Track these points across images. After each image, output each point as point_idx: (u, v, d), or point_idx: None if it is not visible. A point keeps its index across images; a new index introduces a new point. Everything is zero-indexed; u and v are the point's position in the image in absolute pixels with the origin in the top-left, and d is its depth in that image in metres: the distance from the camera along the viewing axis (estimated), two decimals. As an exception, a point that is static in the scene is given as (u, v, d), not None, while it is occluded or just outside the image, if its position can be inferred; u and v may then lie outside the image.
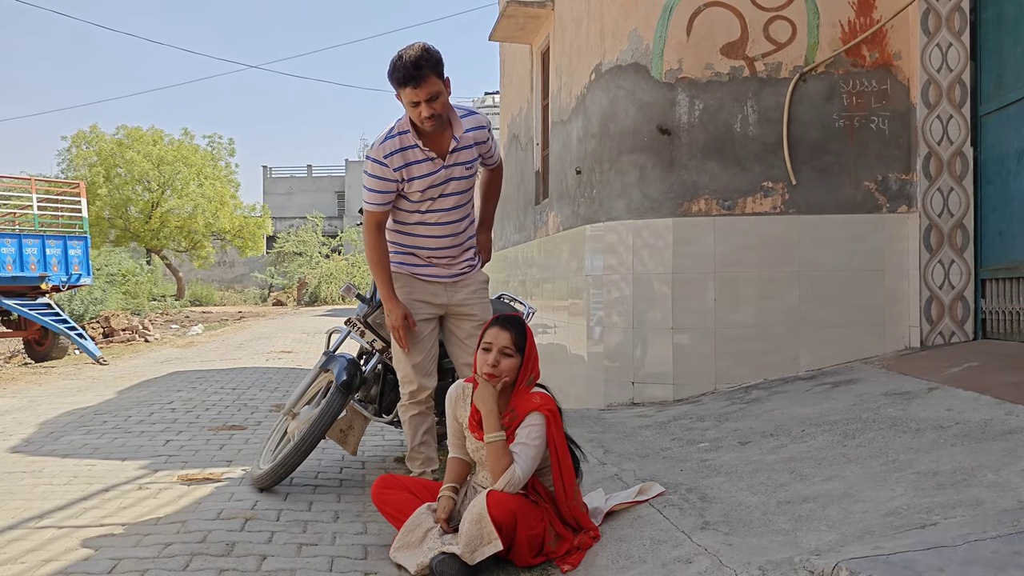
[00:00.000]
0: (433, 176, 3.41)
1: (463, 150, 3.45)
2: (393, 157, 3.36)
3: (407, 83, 3.22)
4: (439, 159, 3.40)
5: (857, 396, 4.17)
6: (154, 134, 31.17)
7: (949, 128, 5.06)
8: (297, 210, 44.63)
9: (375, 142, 3.40)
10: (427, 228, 3.54)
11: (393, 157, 3.36)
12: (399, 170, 3.37)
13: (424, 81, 3.21)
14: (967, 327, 5.06)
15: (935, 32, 5.07)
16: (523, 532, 2.83)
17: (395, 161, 3.36)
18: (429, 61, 3.22)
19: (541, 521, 2.90)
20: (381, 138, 3.39)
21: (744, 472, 3.30)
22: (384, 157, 3.35)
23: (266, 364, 9.97)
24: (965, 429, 3.20)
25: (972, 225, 5.04)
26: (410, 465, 3.73)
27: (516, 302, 5.41)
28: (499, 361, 2.97)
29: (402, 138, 3.37)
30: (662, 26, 5.27)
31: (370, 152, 3.40)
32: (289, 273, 35.77)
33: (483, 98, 18.58)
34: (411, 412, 3.68)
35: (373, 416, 4.26)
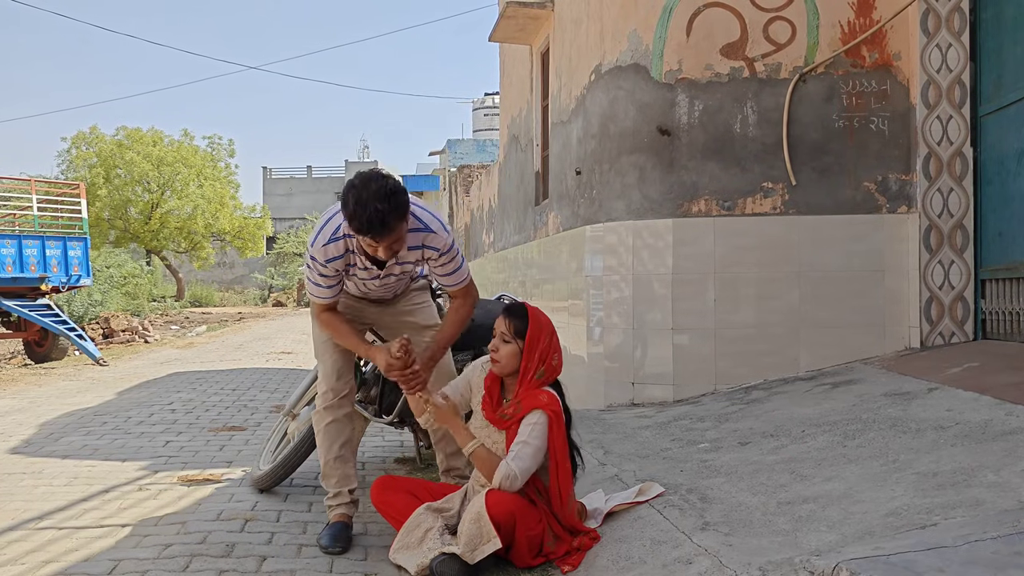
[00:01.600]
0: (370, 278, 3.24)
1: (400, 264, 3.21)
2: (336, 261, 3.12)
3: (367, 234, 2.88)
4: (375, 268, 3.18)
5: (857, 396, 4.17)
6: (154, 135, 31.17)
7: (949, 128, 5.06)
8: (297, 211, 44.60)
9: (319, 239, 3.11)
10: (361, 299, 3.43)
11: (336, 261, 3.12)
12: (339, 272, 3.17)
13: (389, 233, 2.89)
14: (967, 327, 5.05)
15: (935, 32, 5.07)
16: (522, 532, 2.83)
17: (337, 265, 3.13)
18: (398, 210, 2.86)
19: (540, 522, 2.90)
20: (326, 238, 3.10)
21: (744, 473, 3.30)
22: (326, 262, 3.11)
23: (266, 365, 9.97)
24: (965, 429, 3.19)
25: (972, 225, 5.03)
26: (324, 484, 3.35)
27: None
28: (498, 347, 2.98)
29: (347, 242, 3.09)
30: (662, 27, 5.27)
31: (312, 251, 3.14)
32: (289, 274, 35.78)
33: (483, 99, 18.61)
34: (325, 420, 3.34)
35: (373, 417, 4.25)
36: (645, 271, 5.32)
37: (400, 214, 2.89)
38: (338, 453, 3.35)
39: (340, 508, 3.29)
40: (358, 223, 2.85)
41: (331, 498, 3.32)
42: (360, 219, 2.84)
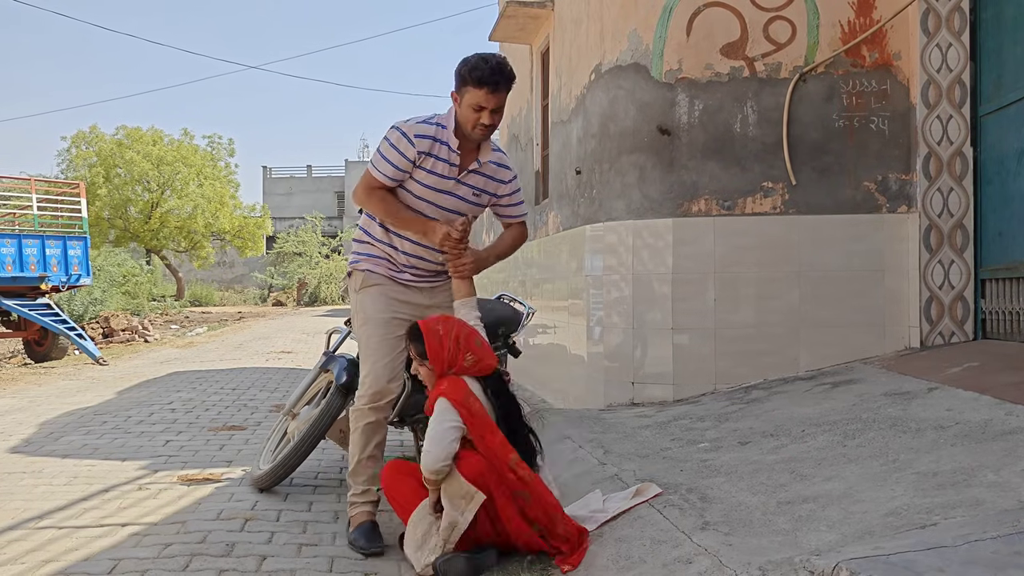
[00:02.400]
0: (442, 181, 3.23)
1: (478, 175, 3.28)
2: (423, 140, 3.16)
3: (485, 84, 3.05)
4: (455, 168, 3.23)
5: (857, 396, 4.17)
6: (154, 134, 31.18)
7: (949, 128, 5.06)
8: (297, 210, 44.63)
9: (410, 119, 3.21)
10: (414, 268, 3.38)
11: (423, 140, 3.16)
12: (420, 155, 3.17)
13: (500, 89, 3.10)
14: (967, 327, 5.05)
15: (935, 32, 5.07)
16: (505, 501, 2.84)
17: (422, 145, 3.16)
18: (510, 73, 3.13)
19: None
20: (418, 119, 3.22)
21: (744, 472, 3.30)
22: (415, 136, 3.15)
23: (266, 364, 9.98)
24: (965, 429, 3.20)
25: (972, 225, 5.03)
26: (352, 480, 3.34)
27: (516, 302, 5.41)
28: (418, 371, 3.12)
29: (439, 130, 3.18)
30: (662, 26, 5.27)
31: (400, 124, 3.19)
32: (289, 273, 35.78)
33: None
34: (367, 419, 3.31)
35: (373, 416, 4.26)
36: (645, 271, 5.32)
37: (511, 77, 3.12)
38: (371, 452, 3.33)
39: (367, 506, 3.29)
40: (481, 71, 3.04)
41: (358, 495, 3.30)
42: (483, 68, 3.05)
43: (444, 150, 3.19)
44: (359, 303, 3.37)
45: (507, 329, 5.06)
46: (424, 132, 3.16)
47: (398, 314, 3.34)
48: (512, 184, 3.40)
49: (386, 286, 3.37)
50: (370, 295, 3.35)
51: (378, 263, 3.39)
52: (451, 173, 3.22)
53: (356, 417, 3.33)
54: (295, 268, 35.52)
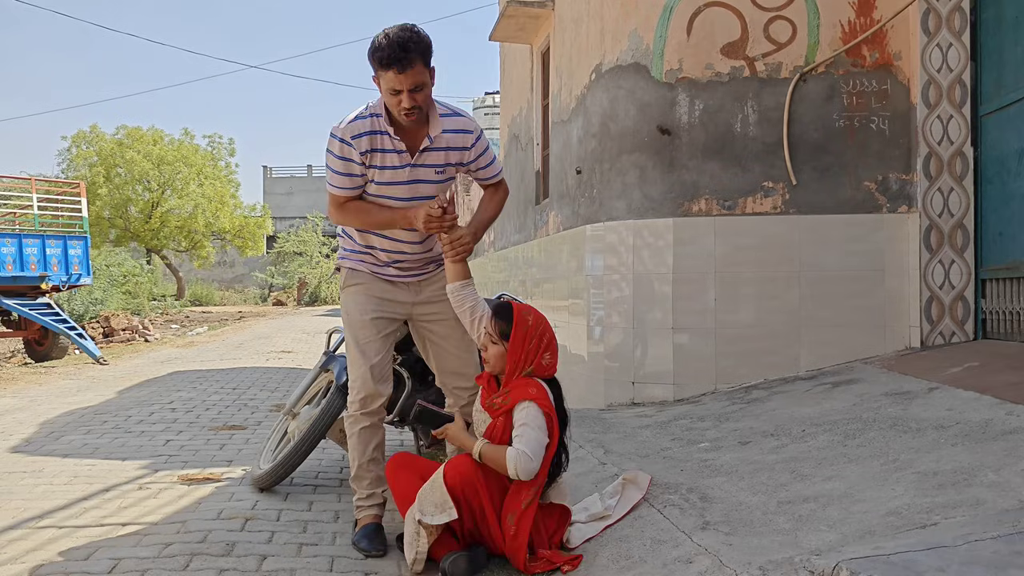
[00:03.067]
0: (397, 173, 3.04)
1: (434, 151, 3.06)
2: (361, 139, 2.97)
3: (390, 65, 2.83)
4: (407, 154, 3.03)
5: (857, 396, 4.17)
6: (154, 134, 31.19)
7: (949, 128, 5.06)
8: (297, 210, 44.61)
9: (343, 120, 3.02)
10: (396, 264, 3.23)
11: (361, 139, 2.97)
12: (365, 154, 2.99)
13: (410, 66, 2.83)
14: (967, 327, 5.05)
15: (935, 32, 5.07)
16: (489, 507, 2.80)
17: (362, 144, 2.98)
18: (418, 45, 2.86)
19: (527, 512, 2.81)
20: (350, 117, 3.01)
21: (745, 472, 3.30)
22: (351, 138, 2.97)
23: (266, 364, 9.97)
24: (966, 429, 3.19)
25: (972, 225, 5.04)
26: (356, 486, 3.26)
27: (516, 300, 5.40)
28: (487, 347, 2.99)
29: (373, 121, 2.99)
30: (662, 26, 5.27)
31: (335, 130, 2.99)
32: (289, 273, 35.79)
33: (483, 98, 18.55)
34: (360, 424, 3.21)
35: (373, 416, 4.26)
36: (645, 270, 5.32)
37: (421, 48, 2.87)
38: (372, 456, 3.25)
39: (372, 509, 3.25)
40: (382, 52, 2.84)
41: (363, 499, 3.25)
42: (384, 47, 2.83)
43: (386, 139, 3.00)
44: (345, 301, 3.29)
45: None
46: (359, 130, 2.98)
47: (383, 313, 3.23)
48: (478, 145, 3.14)
49: (370, 284, 3.24)
50: (352, 295, 3.25)
51: (361, 260, 3.26)
52: (403, 160, 3.03)
53: (350, 423, 3.26)
54: (295, 268, 35.53)
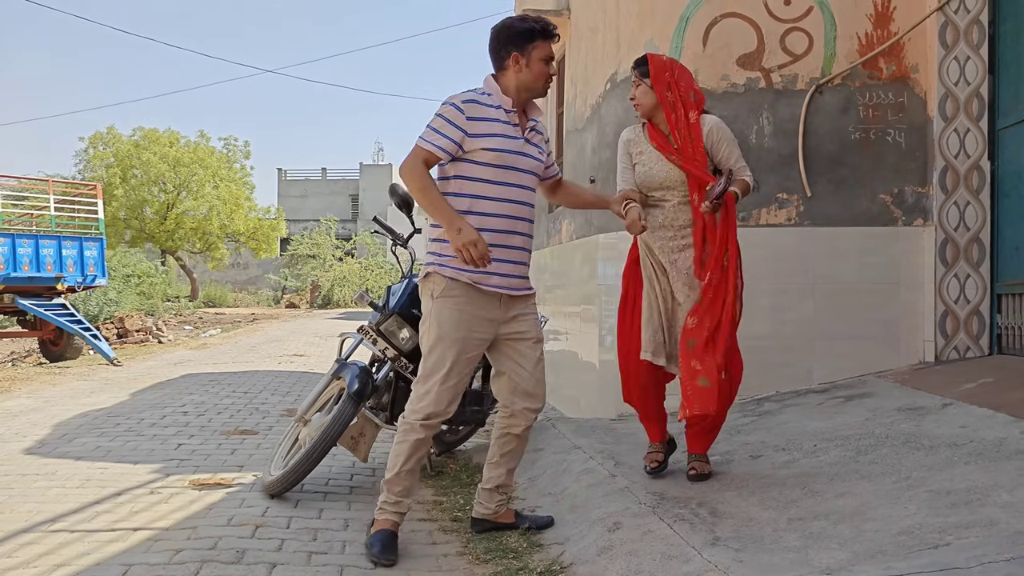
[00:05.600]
0: (511, 141, 3.12)
1: (535, 133, 3.25)
2: (470, 105, 3.07)
3: (550, 35, 3.14)
4: (518, 128, 3.16)
5: (870, 411, 4.14)
6: (170, 136, 31.40)
7: (966, 142, 5.03)
8: (311, 213, 44.82)
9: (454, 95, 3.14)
10: (495, 204, 3.10)
11: (470, 105, 3.07)
12: (471, 121, 3.05)
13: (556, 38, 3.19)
14: (982, 342, 5.02)
15: (953, 45, 5.05)
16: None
17: (470, 110, 3.06)
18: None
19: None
20: (462, 92, 3.16)
21: (755, 487, 3.29)
22: (462, 103, 3.07)
23: (278, 368, 10.01)
24: (979, 447, 3.17)
25: (988, 239, 5.00)
26: (387, 488, 3.19)
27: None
28: (634, 94, 3.62)
29: (483, 97, 3.13)
30: (678, 36, 5.27)
31: (452, 98, 3.11)
32: (302, 275, 35.90)
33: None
34: (416, 435, 3.14)
35: (384, 424, 4.27)
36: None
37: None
38: (412, 466, 3.19)
39: (394, 516, 3.20)
40: (545, 23, 3.16)
41: (389, 504, 3.20)
42: (539, 22, 3.16)
43: (500, 112, 3.12)
44: (435, 312, 3.11)
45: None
46: (471, 98, 3.11)
47: (475, 333, 3.13)
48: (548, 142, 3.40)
49: (468, 298, 3.10)
50: (448, 307, 3.09)
51: (461, 268, 3.07)
52: (516, 131, 3.15)
53: (405, 430, 3.16)
54: (309, 270, 35.65)
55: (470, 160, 3.08)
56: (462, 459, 4.85)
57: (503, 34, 3.16)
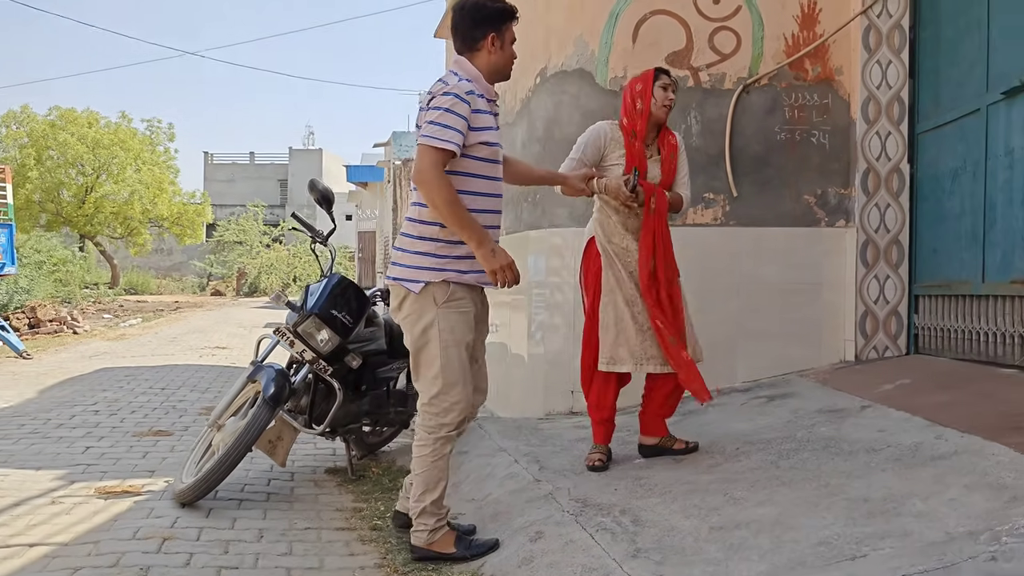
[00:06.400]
0: (496, 132, 3.03)
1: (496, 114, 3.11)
2: (472, 97, 2.90)
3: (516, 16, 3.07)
4: (497, 116, 3.07)
5: (792, 412, 4.18)
6: (89, 116, 30.22)
7: (887, 145, 5.11)
8: (238, 198, 43.81)
9: (450, 85, 2.89)
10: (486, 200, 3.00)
11: (472, 97, 2.90)
12: (474, 113, 2.90)
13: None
14: (900, 342, 5.12)
15: (876, 49, 5.12)
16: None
17: (473, 102, 2.89)
18: None
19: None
20: (456, 80, 2.92)
21: (678, 492, 3.27)
22: (466, 94, 2.87)
23: (199, 361, 9.70)
24: (896, 453, 3.21)
25: (907, 241, 5.10)
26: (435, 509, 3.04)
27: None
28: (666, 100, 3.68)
29: (475, 86, 2.96)
30: (608, 33, 5.22)
31: (452, 88, 2.87)
32: (229, 262, 35.08)
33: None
34: (451, 446, 3.06)
35: (303, 427, 4.14)
36: (586, 278, 5.26)
37: None
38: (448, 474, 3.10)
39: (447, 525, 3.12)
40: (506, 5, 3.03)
41: (443, 518, 3.09)
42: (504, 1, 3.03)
43: (483, 101, 2.97)
44: (441, 320, 2.95)
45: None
46: (469, 88, 2.91)
47: (474, 333, 3.11)
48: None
49: (470, 299, 3.04)
50: (455, 312, 2.97)
51: (466, 266, 2.97)
52: (496, 122, 3.07)
53: (443, 443, 3.01)
54: (235, 257, 34.84)
55: (468, 155, 2.95)
56: (385, 462, 4.74)
57: (478, 14, 3.00)
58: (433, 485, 3.05)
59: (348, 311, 4.01)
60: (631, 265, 3.66)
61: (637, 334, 3.63)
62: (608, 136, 3.69)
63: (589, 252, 3.79)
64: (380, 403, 4.56)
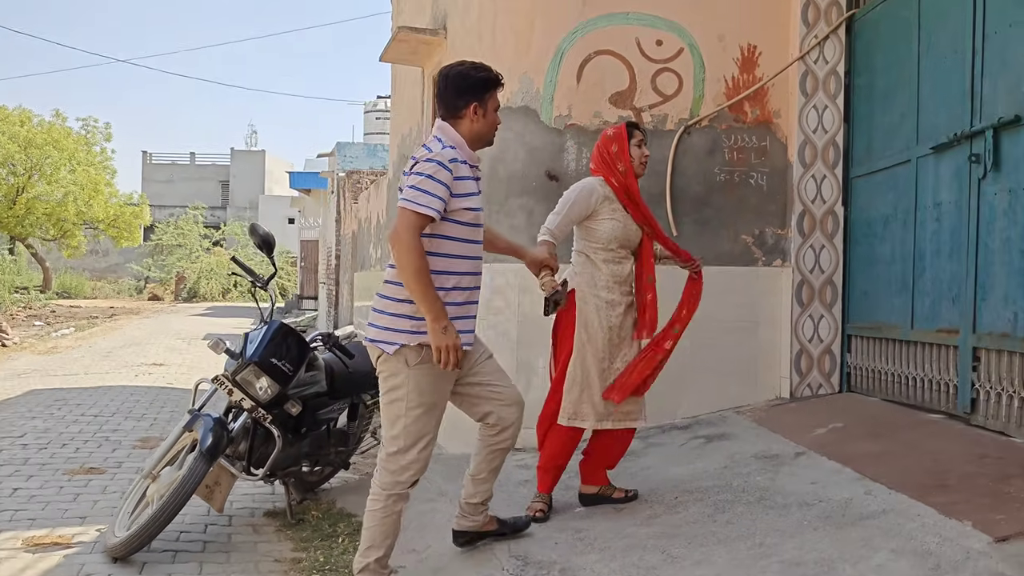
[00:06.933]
0: (478, 198, 3.12)
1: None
2: (455, 164, 2.98)
3: (500, 84, 3.21)
4: (479, 181, 3.16)
5: (728, 457, 4.26)
6: (21, 114, 29.20)
7: (823, 188, 5.25)
8: (178, 199, 42.86)
9: (432, 153, 2.98)
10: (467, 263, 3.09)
11: (455, 164, 2.98)
12: (456, 180, 2.98)
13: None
14: (833, 380, 5.26)
15: (812, 94, 5.25)
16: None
17: (456, 169, 2.97)
18: None
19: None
20: (439, 147, 3.00)
21: (617, 549, 3.30)
22: (449, 161, 2.96)
23: (135, 381, 9.46)
24: (827, 509, 3.29)
25: (841, 282, 5.25)
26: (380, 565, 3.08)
27: None
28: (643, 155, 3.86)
29: (457, 153, 3.04)
30: (553, 71, 5.26)
31: (435, 155, 2.95)
32: (167, 266, 34.29)
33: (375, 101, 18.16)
34: (404, 503, 3.10)
35: (241, 473, 4.08)
36: (533, 312, 5.29)
37: None
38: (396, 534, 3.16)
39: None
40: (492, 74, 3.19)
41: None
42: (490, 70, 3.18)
43: (465, 168, 3.06)
44: (412, 381, 3.00)
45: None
46: (452, 156, 2.99)
47: (447, 391, 3.17)
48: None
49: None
50: (425, 374, 3.01)
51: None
52: (478, 188, 3.15)
53: (393, 501, 3.06)
54: (174, 261, 34.07)
55: (451, 220, 3.02)
56: (325, 503, 4.70)
57: (461, 83, 3.12)
58: (379, 542, 3.08)
59: (288, 359, 3.97)
60: (613, 319, 3.71)
61: (600, 391, 3.71)
62: (599, 195, 3.73)
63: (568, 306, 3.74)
64: (321, 444, 4.53)
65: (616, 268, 3.73)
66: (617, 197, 3.73)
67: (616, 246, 3.71)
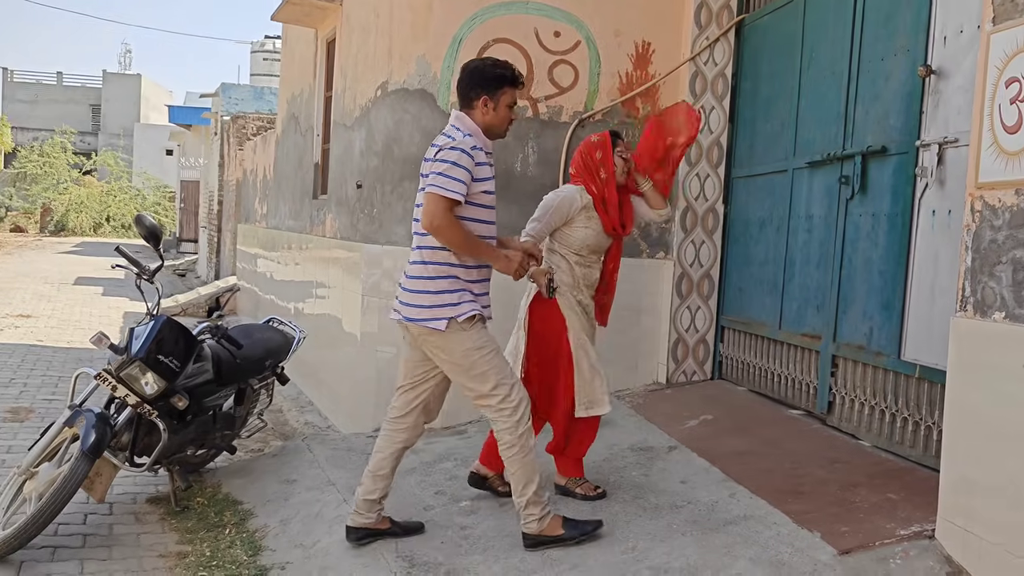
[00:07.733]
0: (494, 181, 3.38)
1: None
2: (477, 152, 3.25)
3: (518, 82, 3.37)
4: (494, 167, 3.41)
5: (608, 448, 4.49)
6: None
7: (706, 186, 5.49)
8: (44, 121, 40.15)
9: (455, 140, 3.23)
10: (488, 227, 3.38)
11: (477, 152, 3.25)
12: (477, 165, 3.24)
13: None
14: (707, 368, 5.59)
15: (701, 94, 5.44)
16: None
17: (477, 155, 3.24)
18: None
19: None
20: (460, 135, 3.26)
21: (500, 549, 3.47)
22: (472, 149, 3.22)
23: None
24: (695, 513, 3.56)
25: (718, 277, 5.54)
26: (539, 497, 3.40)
27: (285, 326, 5.27)
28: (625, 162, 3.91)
29: (472, 139, 3.28)
30: (450, 56, 5.24)
31: (458, 143, 3.21)
32: (32, 196, 32.20)
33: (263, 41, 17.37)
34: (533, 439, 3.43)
35: (124, 464, 4.03)
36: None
37: None
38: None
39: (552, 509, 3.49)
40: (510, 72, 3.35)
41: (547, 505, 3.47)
42: (509, 68, 3.37)
43: (482, 154, 3.30)
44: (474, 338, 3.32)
45: (276, 360, 4.95)
46: (474, 143, 3.25)
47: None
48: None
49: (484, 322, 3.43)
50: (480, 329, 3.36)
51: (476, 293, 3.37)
52: (493, 172, 3.39)
53: (527, 437, 3.35)
54: (39, 191, 32.02)
55: (472, 202, 3.27)
56: (210, 487, 4.68)
57: (475, 75, 3.35)
58: (531, 477, 3.39)
59: (175, 355, 3.92)
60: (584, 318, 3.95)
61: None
62: (578, 204, 3.85)
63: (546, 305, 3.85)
64: (207, 428, 4.51)
65: (587, 272, 3.91)
66: (594, 206, 3.86)
67: (587, 252, 3.88)
